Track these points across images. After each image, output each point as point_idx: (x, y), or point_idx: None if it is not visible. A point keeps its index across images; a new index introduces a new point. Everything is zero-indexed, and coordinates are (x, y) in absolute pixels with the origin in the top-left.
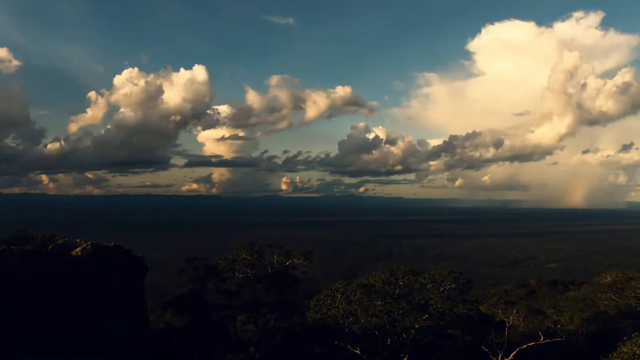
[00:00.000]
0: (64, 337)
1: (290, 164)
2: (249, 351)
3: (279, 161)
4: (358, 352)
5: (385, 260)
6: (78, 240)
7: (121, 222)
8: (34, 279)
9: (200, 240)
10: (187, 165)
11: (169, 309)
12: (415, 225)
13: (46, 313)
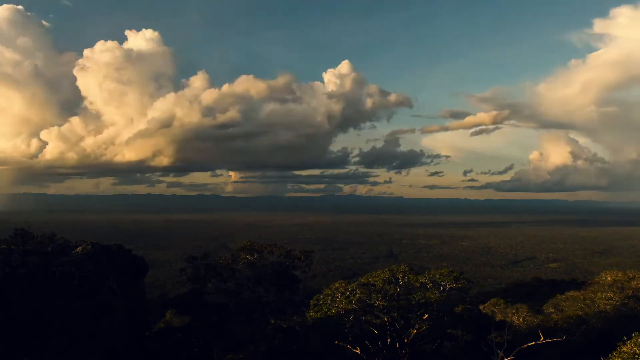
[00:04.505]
0: (64, 337)
1: None
2: (249, 351)
3: None
4: (358, 352)
5: (385, 260)
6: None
7: None
8: (34, 279)
9: (201, 239)
10: None
11: (169, 309)
12: None
13: (46, 312)
